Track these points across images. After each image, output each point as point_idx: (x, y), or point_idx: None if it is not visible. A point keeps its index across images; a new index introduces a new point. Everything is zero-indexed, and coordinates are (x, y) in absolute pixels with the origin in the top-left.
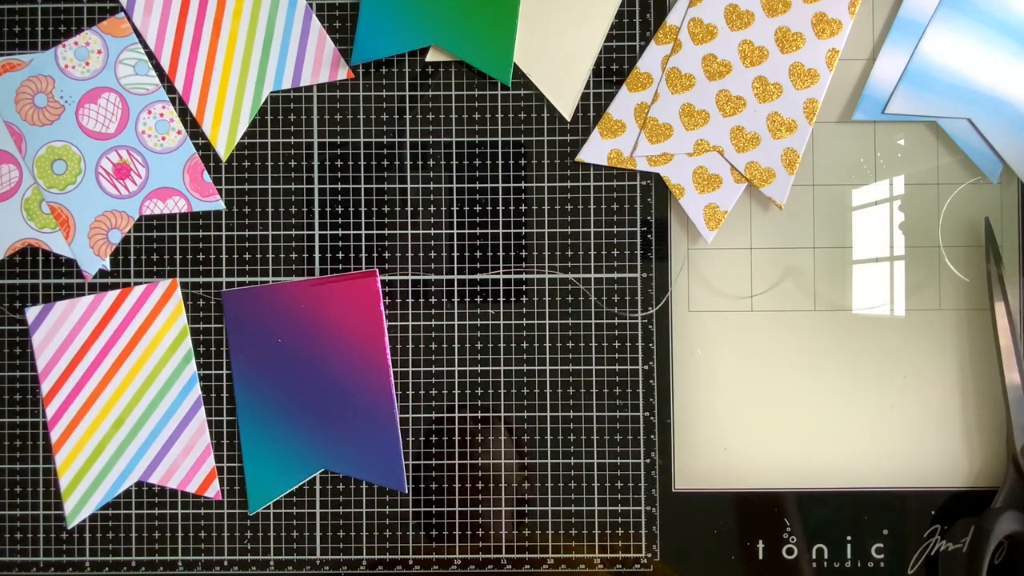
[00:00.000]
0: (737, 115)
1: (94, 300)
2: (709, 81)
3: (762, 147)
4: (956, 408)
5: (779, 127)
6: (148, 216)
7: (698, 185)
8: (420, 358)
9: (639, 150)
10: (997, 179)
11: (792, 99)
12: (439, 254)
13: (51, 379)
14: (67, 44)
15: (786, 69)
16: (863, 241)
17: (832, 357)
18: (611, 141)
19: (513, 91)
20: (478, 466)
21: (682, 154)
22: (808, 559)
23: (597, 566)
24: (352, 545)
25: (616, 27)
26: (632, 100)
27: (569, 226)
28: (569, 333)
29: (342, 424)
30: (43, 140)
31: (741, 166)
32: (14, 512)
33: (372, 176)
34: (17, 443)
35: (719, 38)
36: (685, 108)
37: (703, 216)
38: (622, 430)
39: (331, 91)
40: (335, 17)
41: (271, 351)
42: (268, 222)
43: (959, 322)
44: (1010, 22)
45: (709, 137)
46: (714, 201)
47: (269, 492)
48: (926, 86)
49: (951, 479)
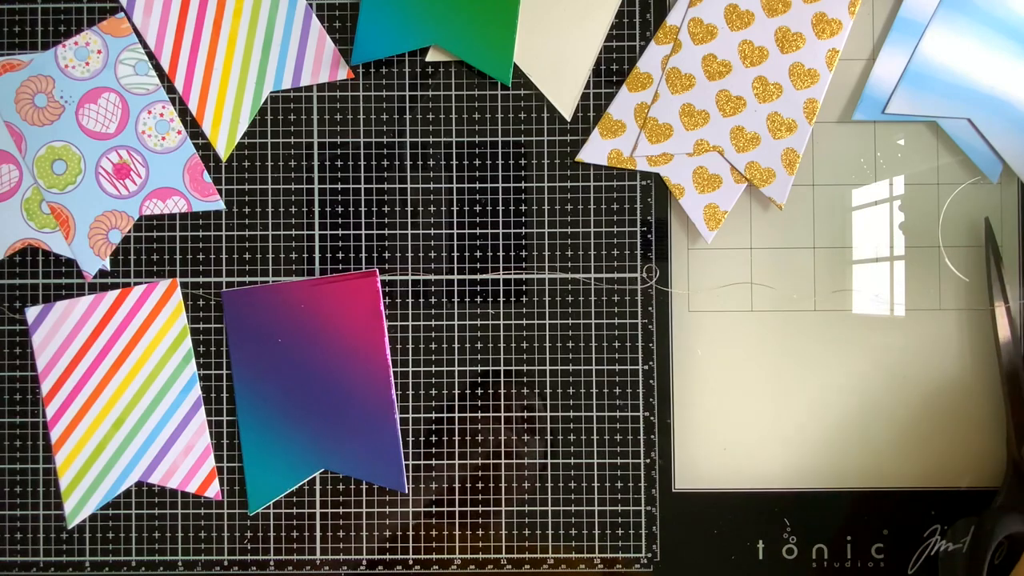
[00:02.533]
0: (737, 115)
1: (94, 300)
2: (709, 81)
3: (762, 147)
4: (956, 408)
5: (779, 127)
6: (148, 216)
7: (698, 185)
8: (420, 358)
9: (639, 150)
10: (997, 179)
11: (792, 99)
12: (439, 254)
13: (51, 379)
14: (67, 44)
15: (786, 69)
16: (863, 241)
17: (832, 357)
18: (611, 141)
19: (513, 91)
20: (478, 466)
21: (682, 154)
22: (808, 559)
23: (597, 566)
24: (352, 545)
25: (616, 27)
26: (632, 100)
27: (569, 226)
28: (569, 333)
29: (342, 424)
30: (43, 140)
31: (741, 166)
32: (14, 512)
33: (372, 176)
34: (17, 443)
35: (719, 38)
36: (685, 108)
37: (703, 216)
38: (622, 430)
39: (331, 91)
40: (335, 17)
41: (271, 351)
42: (268, 222)
43: (959, 322)
44: (1010, 22)
45: (709, 137)
46: (714, 201)
47: (269, 492)
48: (926, 86)
49: (951, 479)
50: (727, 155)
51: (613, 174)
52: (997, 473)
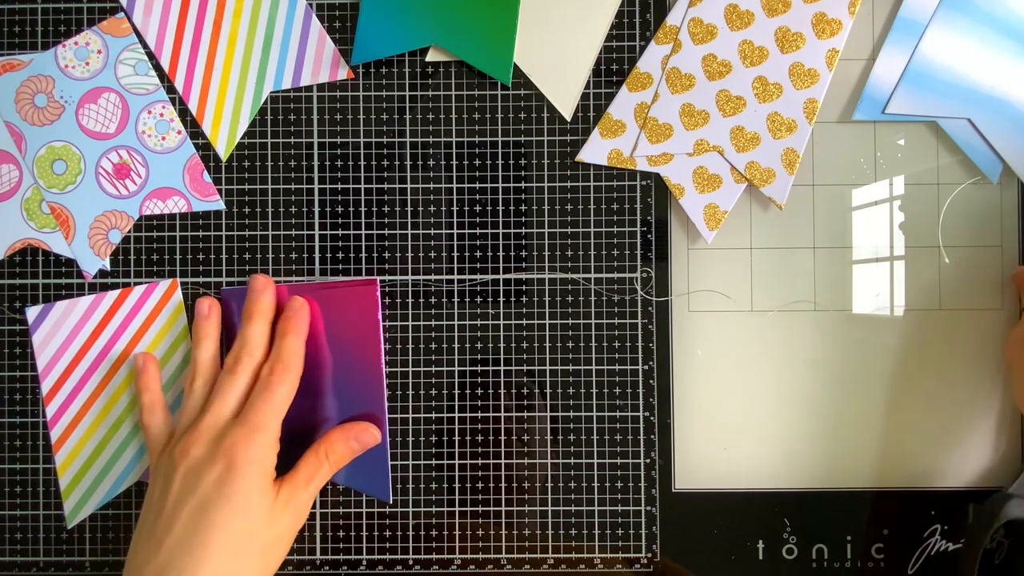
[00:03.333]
0: (737, 115)
1: (94, 300)
2: (709, 81)
3: (762, 147)
4: (956, 408)
5: (779, 127)
6: (148, 216)
7: (698, 185)
8: (420, 358)
9: (639, 150)
10: (997, 179)
11: (792, 99)
12: (439, 254)
13: (51, 379)
14: (67, 44)
15: (786, 69)
16: (863, 241)
17: (832, 357)
18: (611, 141)
19: (513, 91)
20: (478, 466)
21: (682, 154)
22: (808, 559)
23: (597, 566)
24: (352, 545)
25: (616, 27)
26: (632, 100)
27: (569, 226)
28: (569, 333)
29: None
30: (43, 140)
31: (741, 166)
32: (14, 512)
33: (372, 176)
34: (17, 443)
35: (719, 38)
36: (685, 108)
37: (703, 216)
38: (622, 430)
39: (331, 91)
40: (335, 17)
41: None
42: (268, 222)
43: (959, 322)
44: (1010, 22)
45: (709, 137)
46: (714, 201)
47: None
48: (926, 86)
49: (951, 479)
50: (727, 155)
51: (613, 174)
52: (997, 473)
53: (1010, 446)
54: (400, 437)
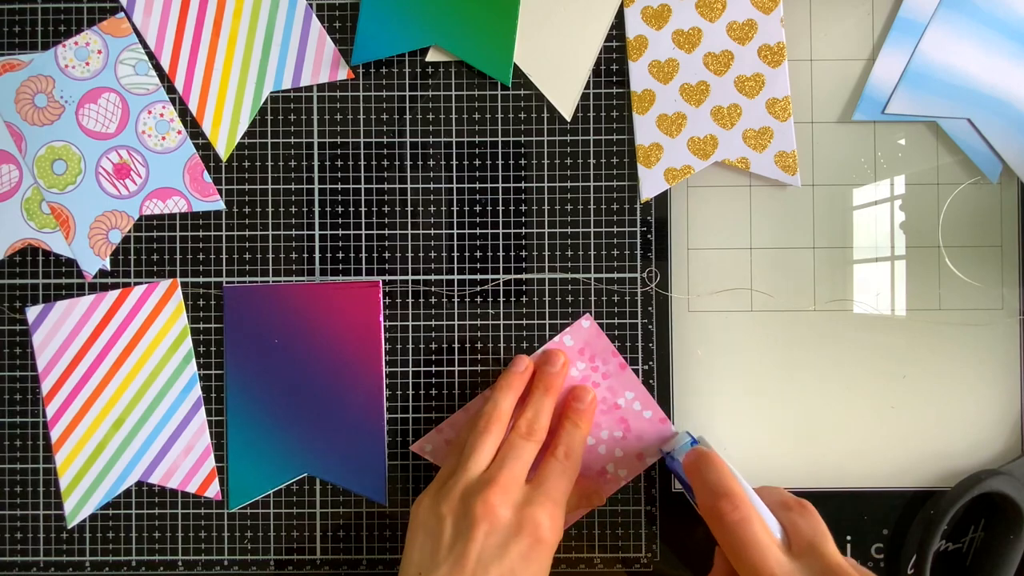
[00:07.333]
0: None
1: (94, 300)
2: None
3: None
4: (956, 408)
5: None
6: (148, 216)
7: (753, 144)
8: (420, 359)
9: (688, 160)
10: (997, 179)
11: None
12: (439, 254)
13: (51, 379)
14: (67, 44)
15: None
16: (863, 241)
17: (832, 357)
18: (658, 166)
19: (513, 91)
20: None
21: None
22: None
23: (597, 566)
24: (352, 545)
25: (616, 27)
26: (649, 120)
27: (569, 226)
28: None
29: (330, 431)
30: (43, 140)
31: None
32: (14, 512)
33: (372, 176)
34: (17, 443)
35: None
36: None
37: (778, 168)
38: None
39: (331, 91)
40: (335, 17)
41: (267, 351)
42: (268, 222)
43: (959, 322)
44: (1010, 22)
45: (727, 153)
46: (779, 149)
47: (250, 491)
48: (926, 86)
49: (951, 479)
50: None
51: (613, 174)
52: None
53: (1010, 446)
54: (400, 437)
